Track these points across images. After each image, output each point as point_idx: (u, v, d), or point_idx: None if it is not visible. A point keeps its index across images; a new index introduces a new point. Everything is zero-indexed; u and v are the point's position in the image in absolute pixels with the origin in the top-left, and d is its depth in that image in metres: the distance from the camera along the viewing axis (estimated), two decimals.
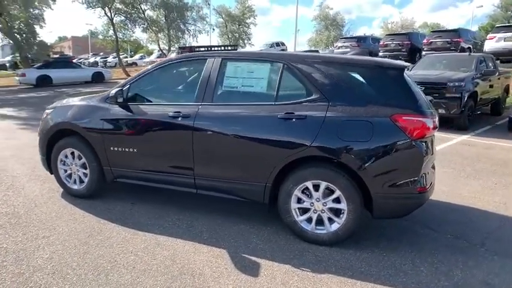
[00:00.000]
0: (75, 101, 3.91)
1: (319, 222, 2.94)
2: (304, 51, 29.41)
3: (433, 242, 3.05)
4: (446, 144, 6.80)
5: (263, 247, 2.92)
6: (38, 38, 22.67)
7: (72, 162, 3.80)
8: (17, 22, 21.64)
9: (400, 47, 17.46)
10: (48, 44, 28.18)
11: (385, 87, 2.81)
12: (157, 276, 2.50)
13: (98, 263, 2.64)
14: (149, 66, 3.63)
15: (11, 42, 22.59)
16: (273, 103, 2.98)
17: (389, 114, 2.67)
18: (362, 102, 2.77)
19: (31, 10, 22.00)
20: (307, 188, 2.91)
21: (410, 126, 2.65)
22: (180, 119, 3.19)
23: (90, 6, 24.39)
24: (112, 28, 26.17)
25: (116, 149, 3.52)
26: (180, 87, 3.59)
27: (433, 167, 3.16)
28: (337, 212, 2.89)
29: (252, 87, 3.12)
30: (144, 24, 28.17)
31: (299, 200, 2.96)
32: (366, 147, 2.69)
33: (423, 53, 15.42)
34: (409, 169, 2.70)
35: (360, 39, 19.95)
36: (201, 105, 3.18)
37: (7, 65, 31.20)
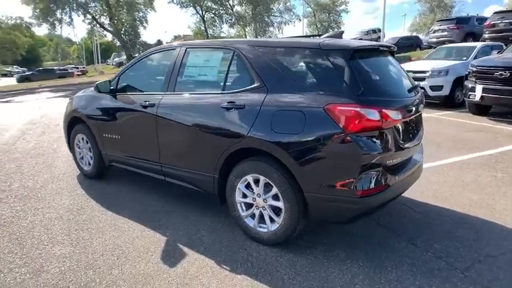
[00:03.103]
0: (88, 91, 4.37)
1: (262, 219, 2.75)
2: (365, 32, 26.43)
3: (398, 258, 2.54)
4: None
5: (205, 239, 2.86)
6: (140, 38, 25.95)
7: (83, 146, 4.29)
8: (124, 25, 24.99)
9: (511, 27, 14.54)
10: (165, 42, 31.64)
11: (327, 73, 2.42)
12: (89, 254, 2.68)
13: (52, 235, 2.95)
14: (136, 57, 3.84)
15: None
16: (221, 92, 2.87)
17: (324, 104, 2.31)
18: (301, 91, 2.45)
19: (136, 13, 25.16)
20: (250, 182, 2.74)
21: (345, 118, 2.24)
22: (147, 108, 3.32)
23: (183, 6, 26.58)
24: (203, 25, 28.10)
25: (106, 135, 3.84)
26: (154, 78, 3.70)
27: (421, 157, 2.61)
28: (278, 211, 2.65)
29: (206, 76, 3.05)
30: (231, 19, 29.43)
31: (244, 195, 2.81)
32: (297, 141, 2.38)
33: None
34: (344, 168, 2.29)
35: (461, 21, 17.14)
36: (164, 94, 3.25)
37: (124, 62, 36.36)
